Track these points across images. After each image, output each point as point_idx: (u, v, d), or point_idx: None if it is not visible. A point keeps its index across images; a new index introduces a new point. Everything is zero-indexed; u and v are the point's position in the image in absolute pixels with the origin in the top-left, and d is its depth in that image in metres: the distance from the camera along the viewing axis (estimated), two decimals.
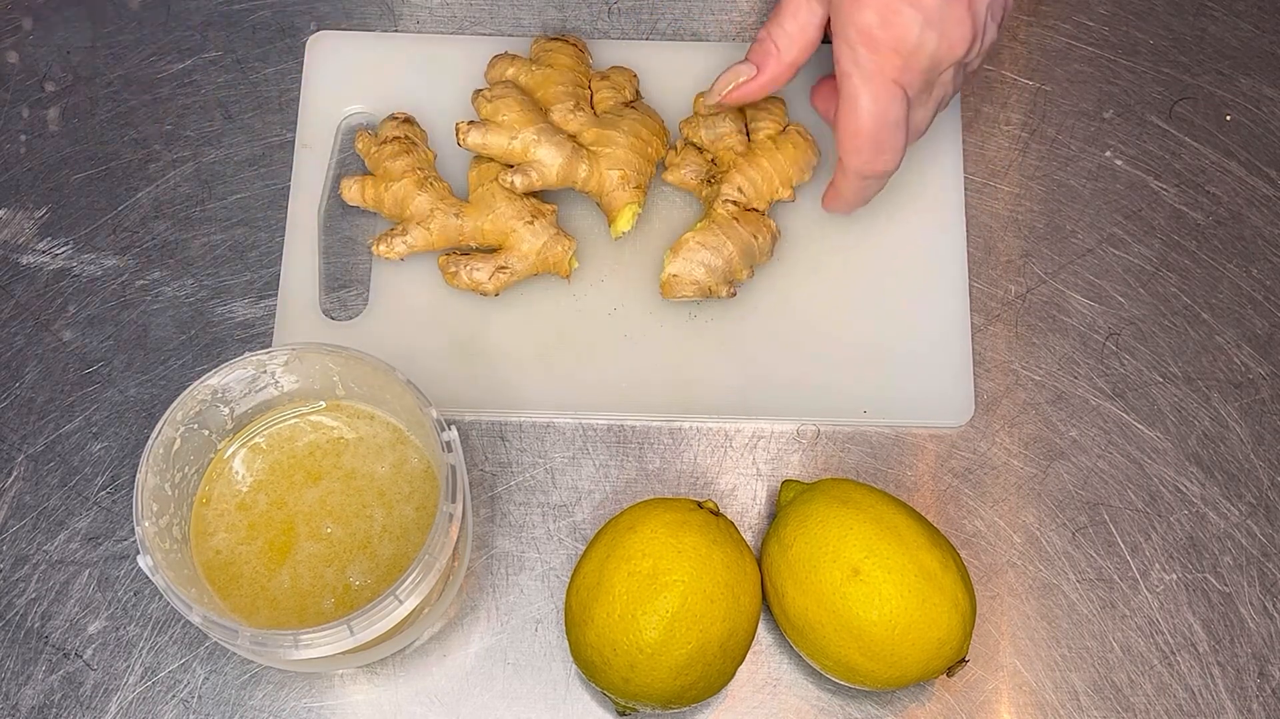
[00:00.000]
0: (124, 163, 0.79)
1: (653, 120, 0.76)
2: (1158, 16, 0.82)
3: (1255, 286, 0.77)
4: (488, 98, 0.73)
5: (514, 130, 0.72)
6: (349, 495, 0.68)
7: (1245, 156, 0.79)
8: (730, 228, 0.73)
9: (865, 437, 0.74)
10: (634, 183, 0.74)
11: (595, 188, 0.74)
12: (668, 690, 0.64)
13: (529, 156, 0.72)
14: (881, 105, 0.66)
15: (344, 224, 0.78)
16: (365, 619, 0.61)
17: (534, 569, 0.72)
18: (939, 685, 0.70)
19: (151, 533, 0.63)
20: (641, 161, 0.74)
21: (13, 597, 0.71)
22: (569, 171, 0.73)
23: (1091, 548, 0.72)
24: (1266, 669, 0.70)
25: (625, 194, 0.73)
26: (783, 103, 0.77)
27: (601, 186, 0.74)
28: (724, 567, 0.65)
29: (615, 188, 0.73)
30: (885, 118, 0.67)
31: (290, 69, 0.81)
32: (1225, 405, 0.74)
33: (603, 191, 0.74)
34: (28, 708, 0.69)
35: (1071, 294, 0.77)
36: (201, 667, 0.70)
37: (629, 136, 0.74)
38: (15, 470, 0.73)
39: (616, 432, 0.74)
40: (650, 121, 0.76)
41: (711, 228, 0.73)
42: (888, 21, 0.65)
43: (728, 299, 0.74)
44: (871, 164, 0.69)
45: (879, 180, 0.71)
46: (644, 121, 0.75)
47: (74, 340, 0.75)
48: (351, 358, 0.65)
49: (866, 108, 0.67)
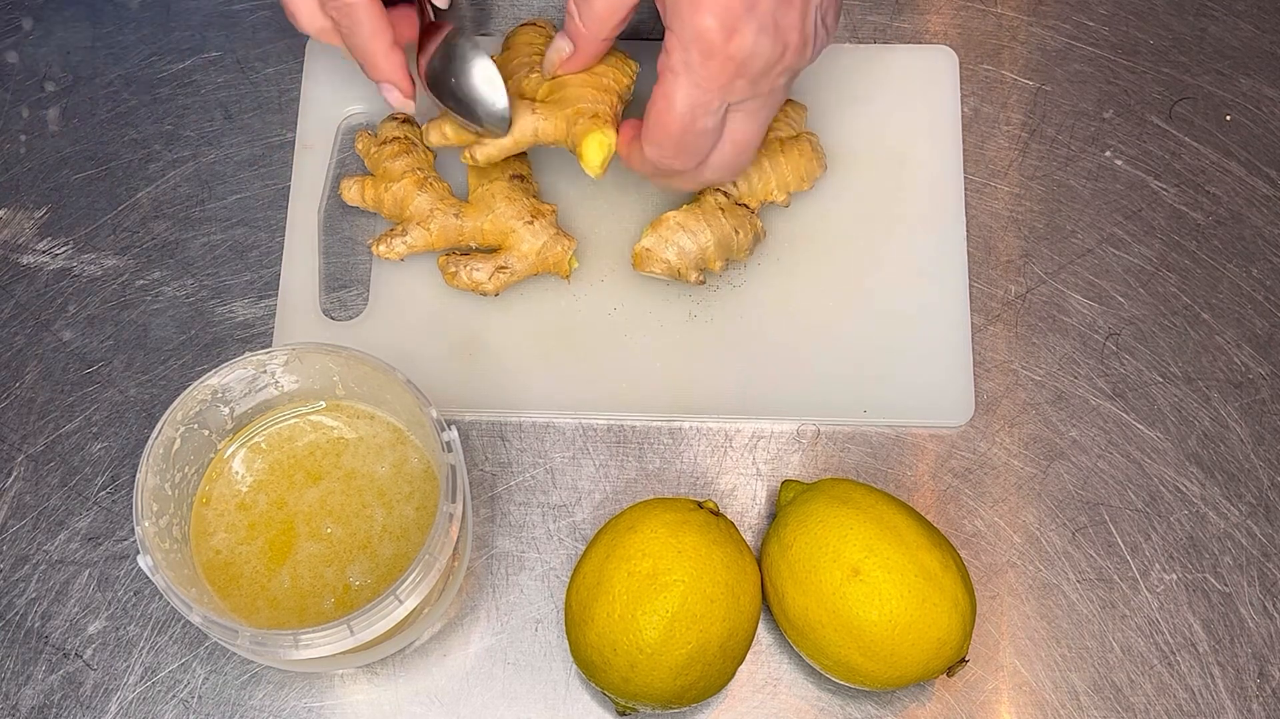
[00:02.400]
0: (124, 163, 0.79)
1: (611, 55, 0.72)
2: (1158, 16, 0.82)
3: (1255, 287, 0.77)
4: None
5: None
6: (349, 495, 0.68)
7: (1245, 156, 0.79)
8: (714, 217, 0.73)
9: (865, 436, 0.74)
10: (590, 112, 0.70)
11: (559, 134, 0.70)
12: (668, 690, 0.64)
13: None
14: (696, 112, 0.64)
15: (344, 224, 0.78)
16: (365, 619, 0.61)
17: (534, 569, 0.72)
18: (939, 685, 0.70)
19: (151, 533, 0.63)
20: (597, 92, 0.70)
21: (13, 597, 0.71)
22: (525, 128, 0.70)
23: (1091, 548, 0.72)
24: (1266, 669, 0.70)
25: (584, 124, 0.69)
26: (803, 109, 0.77)
27: (561, 131, 0.70)
28: (724, 567, 0.65)
29: (573, 124, 0.70)
30: (695, 125, 0.65)
31: (290, 69, 0.81)
32: (1225, 405, 0.74)
33: (567, 134, 0.70)
34: (28, 708, 0.69)
35: (1071, 294, 0.77)
36: (201, 667, 0.70)
37: (580, 77, 0.71)
38: (15, 470, 0.73)
39: (616, 432, 0.74)
40: (608, 57, 0.72)
41: (695, 212, 0.73)
42: (728, 29, 0.62)
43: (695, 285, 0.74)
44: (668, 160, 0.67)
45: (673, 175, 0.69)
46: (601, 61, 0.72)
47: (74, 340, 0.75)
48: (351, 358, 0.65)
49: (681, 110, 0.64)
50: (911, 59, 0.81)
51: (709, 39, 0.62)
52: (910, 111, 0.79)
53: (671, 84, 0.64)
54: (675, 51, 0.63)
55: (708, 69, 0.63)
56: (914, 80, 0.80)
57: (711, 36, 0.62)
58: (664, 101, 0.64)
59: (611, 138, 0.69)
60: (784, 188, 0.75)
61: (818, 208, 0.77)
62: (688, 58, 0.63)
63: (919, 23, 0.82)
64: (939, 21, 0.82)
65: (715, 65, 0.63)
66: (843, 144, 0.78)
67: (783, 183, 0.75)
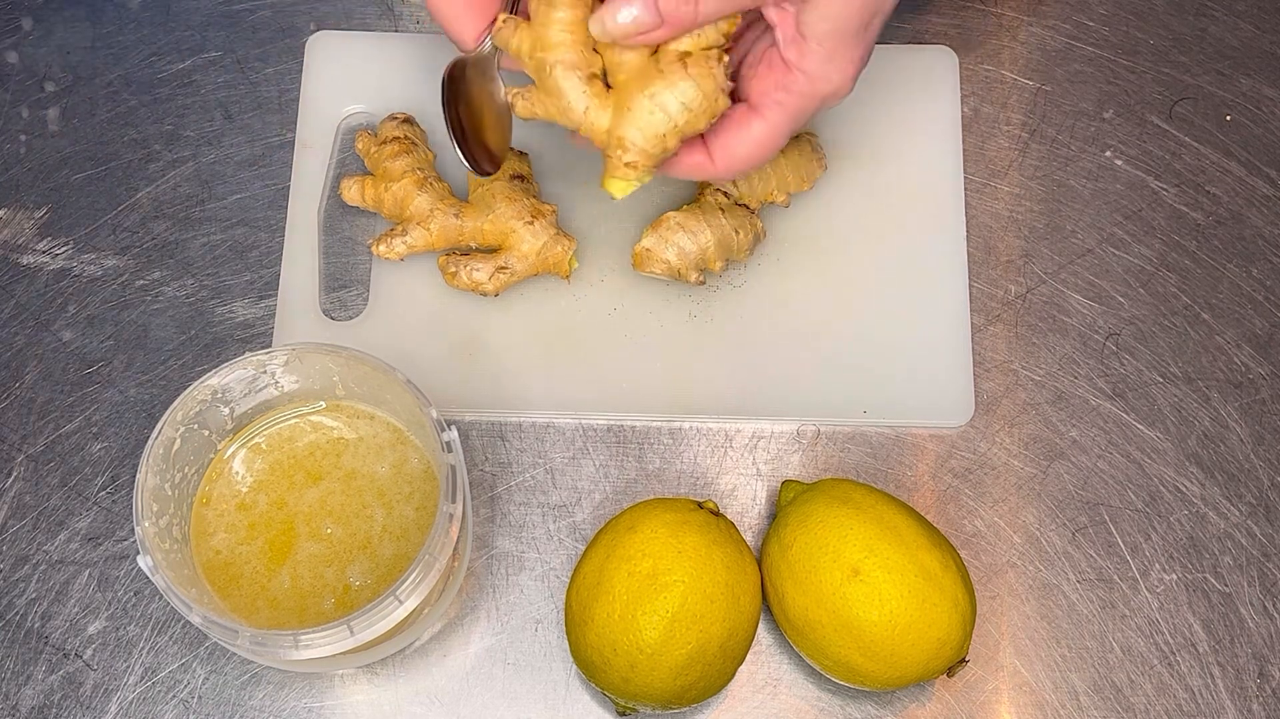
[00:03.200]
0: (124, 163, 0.79)
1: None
2: (1158, 16, 0.82)
3: (1255, 287, 0.77)
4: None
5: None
6: (349, 496, 0.68)
7: (1245, 157, 0.79)
8: (714, 217, 0.73)
9: (865, 437, 0.74)
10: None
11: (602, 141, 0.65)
12: (668, 691, 0.64)
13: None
14: (781, 145, 0.65)
15: (344, 224, 0.78)
16: (365, 619, 0.61)
17: (534, 569, 0.72)
18: (939, 686, 0.70)
19: (151, 533, 0.63)
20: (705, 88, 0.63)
21: (13, 597, 0.71)
22: (574, 103, 0.63)
23: (1091, 548, 0.72)
24: (1266, 669, 0.70)
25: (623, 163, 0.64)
26: None
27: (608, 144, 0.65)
28: (724, 567, 0.65)
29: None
30: (774, 154, 0.66)
31: (290, 69, 0.81)
32: (1225, 405, 0.74)
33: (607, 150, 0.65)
34: (28, 708, 0.69)
35: (1071, 294, 0.77)
36: (201, 667, 0.70)
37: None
38: (15, 470, 0.73)
39: (616, 432, 0.74)
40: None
41: (695, 212, 0.73)
42: (854, 80, 0.63)
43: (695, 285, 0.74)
44: (728, 179, 0.67)
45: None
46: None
47: (74, 340, 0.75)
48: (351, 358, 0.65)
49: (779, 143, 0.65)
50: (911, 59, 0.81)
51: (839, 96, 0.63)
52: (910, 111, 0.79)
53: (781, 124, 0.64)
54: (799, 97, 0.63)
55: (813, 116, 0.64)
56: (914, 80, 0.80)
57: (843, 94, 0.63)
58: (768, 139, 0.64)
59: (648, 178, 0.65)
60: (784, 188, 0.75)
61: (818, 208, 0.77)
62: (806, 105, 0.63)
63: (919, 23, 0.82)
64: (939, 21, 0.82)
65: (819, 111, 0.64)
66: (843, 144, 0.78)
67: (783, 183, 0.75)
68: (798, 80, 0.63)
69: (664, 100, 0.61)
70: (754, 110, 0.64)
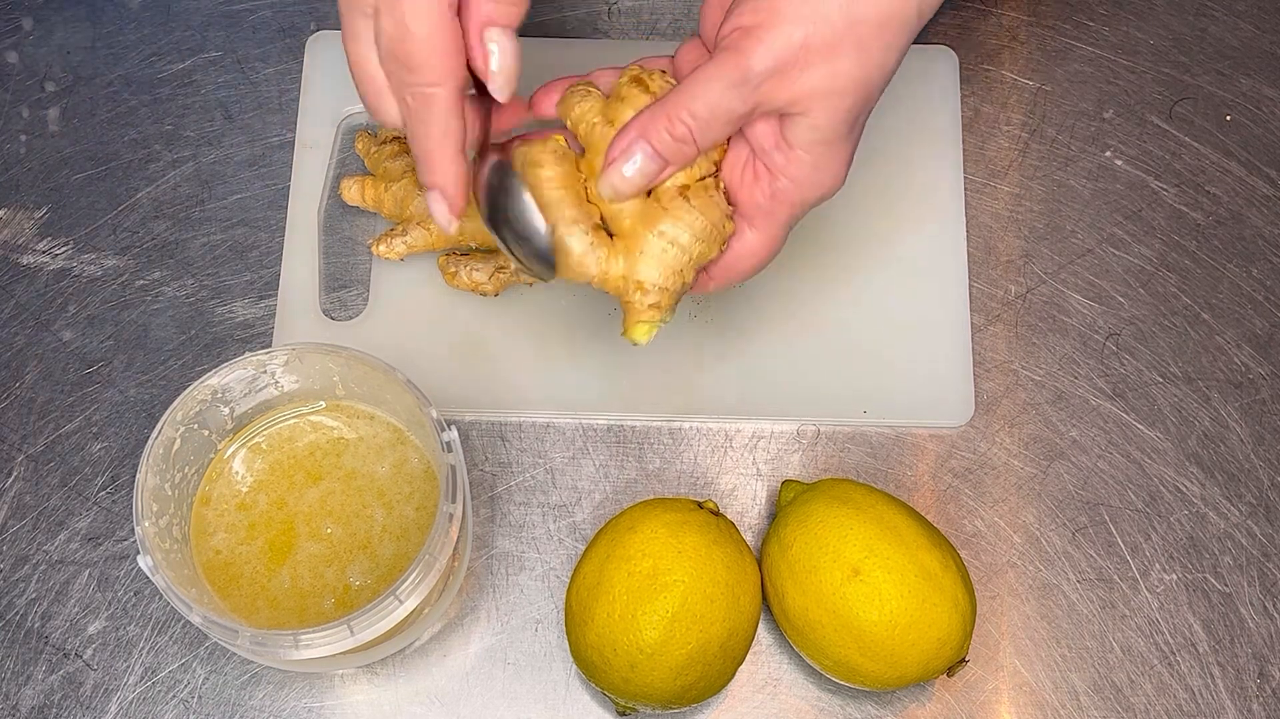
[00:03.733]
0: (124, 163, 0.79)
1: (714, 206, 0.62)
2: (1158, 16, 0.82)
3: (1255, 287, 0.77)
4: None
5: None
6: (349, 495, 0.68)
7: (1245, 157, 0.79)
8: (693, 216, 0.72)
9: (865, 437, 0.74)
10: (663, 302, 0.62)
11: (615, 288, 0.63)
12: (668, 691, 0.64)
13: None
14: (780, 249, 0.63)
15: (344, 224, 0.78)
16: (365, 619, 0.61)
17: (534, 569, 0.72)
18: (939, 686, 0.70)
19: (151, 533, 0.63)
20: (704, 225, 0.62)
21: (13, 597, 0.71)
22: (586, 266, 0.62)
23: (1091, 548, 0.72)
24: (1266, 669, 0.70)
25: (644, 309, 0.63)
26: None
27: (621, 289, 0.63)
28: (724, 567, 0.65)
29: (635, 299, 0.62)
30: (774, 257, 0.64)
31: (290, 69, 0.81)
32: (1225, 405, 0.74)
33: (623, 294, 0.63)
34: (28, 708, 0.69)
35: (1071, 294, 0.77)
36: (201, 667, 0.70)
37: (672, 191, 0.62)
38: (15, 470, 0.73)
39: (616, 432, 0.74)
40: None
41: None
42: (837, 179, 0.61)
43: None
44: (724, 287, 0.65)
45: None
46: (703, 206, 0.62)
47: (74, 340, 0.75)
48: (351, 358, 0.65)
49: (772, 254, 0.63)
50: (911, 59, 0.80)
51: (830, 195, 0.62)
52: (910, 111, 0.79)
53: (777, 233, 0.62)
54: (790, 206, 0.61)
55: (808, 209, 0.62)
56: (914, 80, 0.80)
57: (834, 192, 0.62)
58: (765, 248, 0.63)
59: (670, 317, 0.63)
60: None
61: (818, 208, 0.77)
62: (799, 211, 0.62)
63: None
64: (939, 22, 0.82)
65: (798, 211, 0.62)
66: None
67: None
68: (787, 190, 0.61)
69: (675, 235, 0.61)
70: (746, 221, 0.62)
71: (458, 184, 0.61)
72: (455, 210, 0.62)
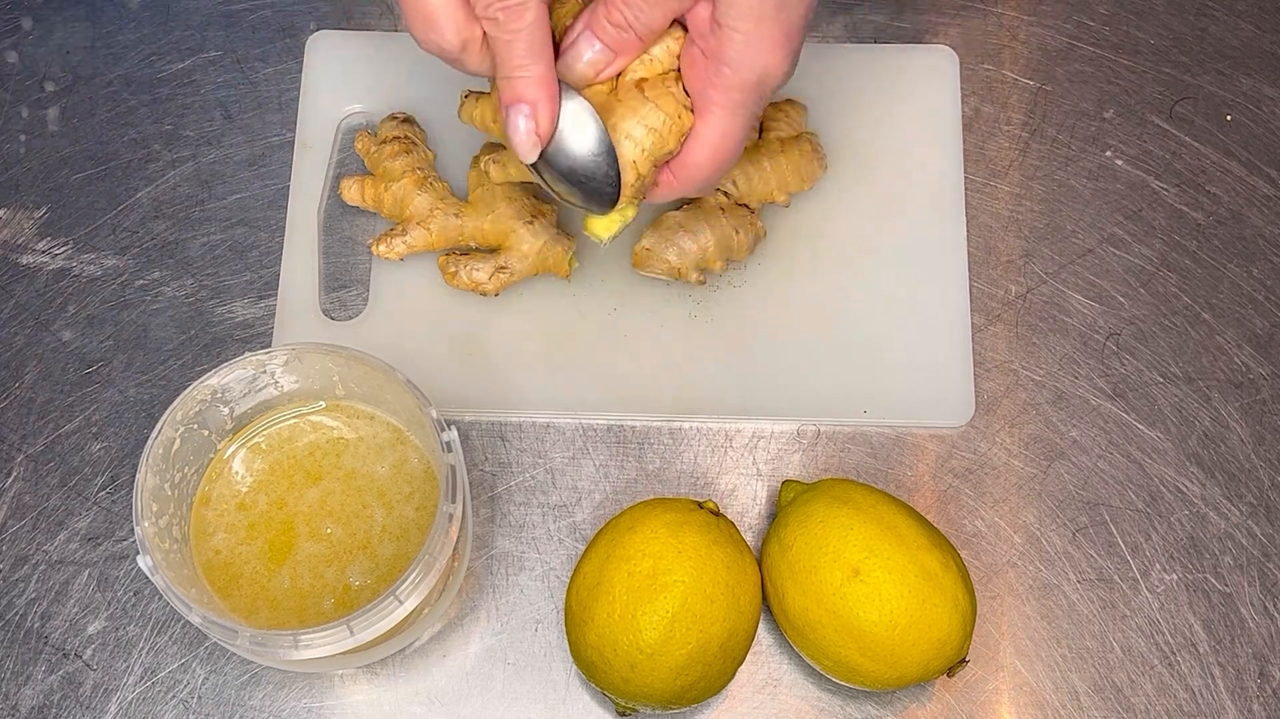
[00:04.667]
0: (124, 163, 0.79)
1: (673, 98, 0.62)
2: (1158, 16, 0.82)
3: (1256, 286, 0.77)
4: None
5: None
6: (349, 496, 0.68)
7: (1246, 156, 0.79)
8: (714, 217, 0.73)
9: (865, 437, 0.74)
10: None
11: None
12: (668, 691, 0.64)
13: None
14: (742, 143, 0.62)
15: (344, 224, 0.77)
16: (365, 619, 0.61)
17: (534, 569, 0.72)
18: (939, 686, 0.70)
19: (151, 533, 0.63)
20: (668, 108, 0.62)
21: (13, 597, 0.71)
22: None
23: (1092, 548, 0.72)
24: (1267, 670, 0.70)
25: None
26: (803, 109, 0.77)
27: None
28: (724, 567, 0.65)
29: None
30: (736, 152, 0.63)
31: (290, 69, 0.81)
32: (1226, 405, 0.74)
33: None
34: (27, 708, 0.69)
35: (1072, 294, 0.77)
36: (201, 667, 0.70)
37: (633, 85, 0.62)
38: (15, 470, 0.73)
39: (616, 432, 0.74)
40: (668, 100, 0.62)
41: (695, 213, 0.73)
42: (790, 65, 0.60)
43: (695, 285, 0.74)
44: (702, 189, 0.64)
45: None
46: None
47: (74, 340, 0.75)
48: (351, 358, 0.65)
49: (734, 146, 0.62)
50: (911, 59, 0.81)
51: (775, 79, 0.60)
52: (910, 111, 0.79)
53: (726, 122, 0.61)
54: (730, 91, 0.60)
55: (760, 104, 0.61)
56: (914, 80, 0.80)
57: (778, 76, 0.60)
58: (720, 140, 0.62)
59: (631, 214, 0.63)
60: (784, 188, 0.75)
61: (818, 208, 0.77)
62: (743, 97, 0.61)
63: (919, 23, 0.82)
64: (939, 21, 0.82)
65: (765, 99, 0.61)
66: (843, 144, 0.78)
67: (783, 183, 0.75)
68: (724, 74, 0.60)
69: (628, 128, 0.61)
70: (695, 113, 0.62)
71: (550, 100, 0.60)
72: (542, 130, 0.60)
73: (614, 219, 0.64)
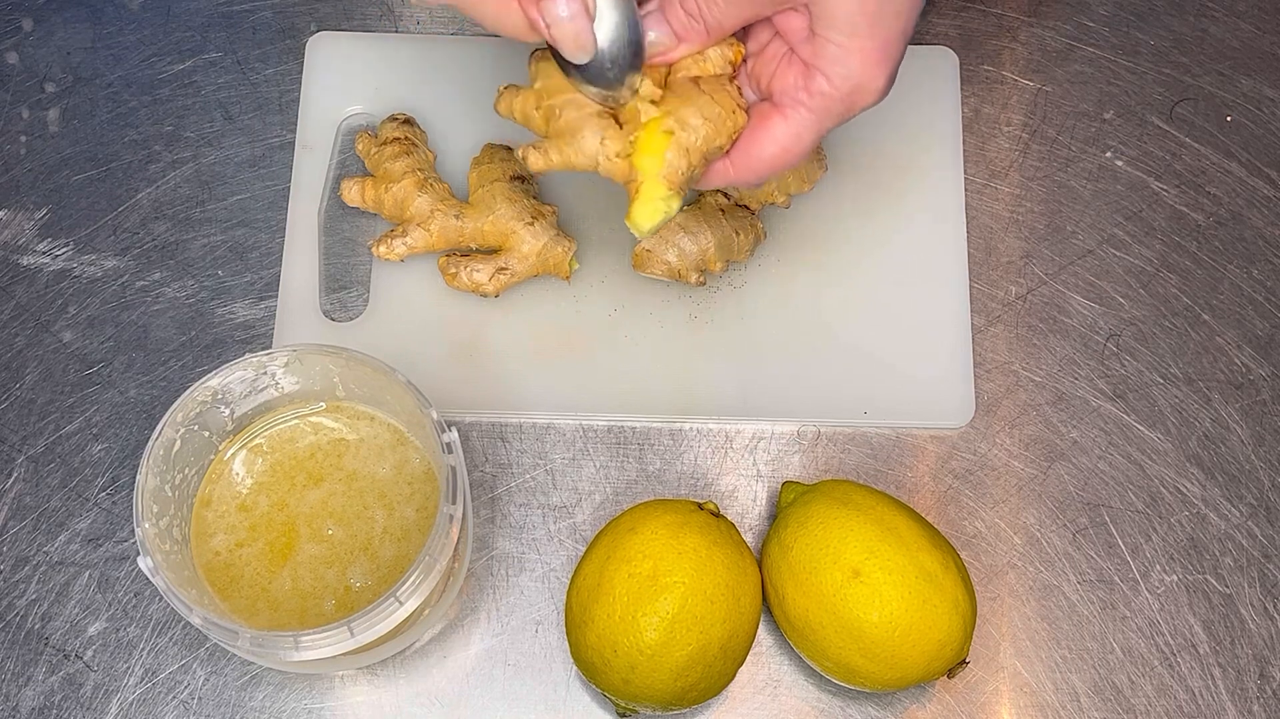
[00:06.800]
0: (124, 163, 0.79)
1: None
2: (1158, 17, 0.82)
3: (1256, 288, 0.77)
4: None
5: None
6: (350, 497, 0.68)
7: (1246, 157, 0.79)
8: (715, 218, 0.73)
9: (866, 438, 0.74)
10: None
11: (623, 172, 0.63)
12: (668, 692, 0.64)
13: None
14: (809, 148, 0.63)
15: (344, 225, 0.77)
16: (366, 620, 0.61)
17: (534, 570, 0.72)
18: (939, 687, 0.70)
19: (151, 534, 0.63)
20: (722, 103, 0.62)
21: (13, 598, 0.71)
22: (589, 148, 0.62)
23: (1092, 549, 0.72)
24: (1267, 670, 0.70)
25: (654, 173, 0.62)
26: None
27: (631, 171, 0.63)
28: (724, 568, 0.65)
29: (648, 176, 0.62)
30: (801, 157, 0.63)
31: (290, 70, 0.81)
32: (1226, 406, 0.74)
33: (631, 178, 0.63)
34: (28, 709, 0.69)
35: (1072, 295, 0.77)
36: (202, 668, 0.70)
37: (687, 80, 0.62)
38: (15, 472, 0.73)
39: (617, 433, 0.74)
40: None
41: (696, 214, 0.73)
42: (889, 80, 0.61)
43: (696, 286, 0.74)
44: (754, 183, 0.64)
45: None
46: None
47: (74, 341, 0.75)
48: (352, 359, 0.65)
49: (807, 147, 0.62)
50: (911, 59, 0.80)
51: (868, 94, 0.61)
52: (910, 112, 0.79)
53: (804, 125, 0.62)
54: (819, 95, 0.61)
55: (845, 116, 0.61)
56: (914, 80, 0.80)
57: (873, 92, 0.61)
58: (791, 140, 0.62)
59: (675, 205, 0.62)
60: (784, 189, 0.75)
61: (818, 209, 0.77)
62: (831, 105, 0.61)
63: (919, 23, 0.82)
64: (939, 22, 0.82)
65: (853, 113, 0.61)
66: (843, 145, 0.78)
67: (783, 184, 0.75)
68: (817, 80, 0.60)
69: (683, 116, 0.61)
70: (776, 109, 0.62)
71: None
72: (589, 5, 0.58)
73: (658, 210, 0.62)
